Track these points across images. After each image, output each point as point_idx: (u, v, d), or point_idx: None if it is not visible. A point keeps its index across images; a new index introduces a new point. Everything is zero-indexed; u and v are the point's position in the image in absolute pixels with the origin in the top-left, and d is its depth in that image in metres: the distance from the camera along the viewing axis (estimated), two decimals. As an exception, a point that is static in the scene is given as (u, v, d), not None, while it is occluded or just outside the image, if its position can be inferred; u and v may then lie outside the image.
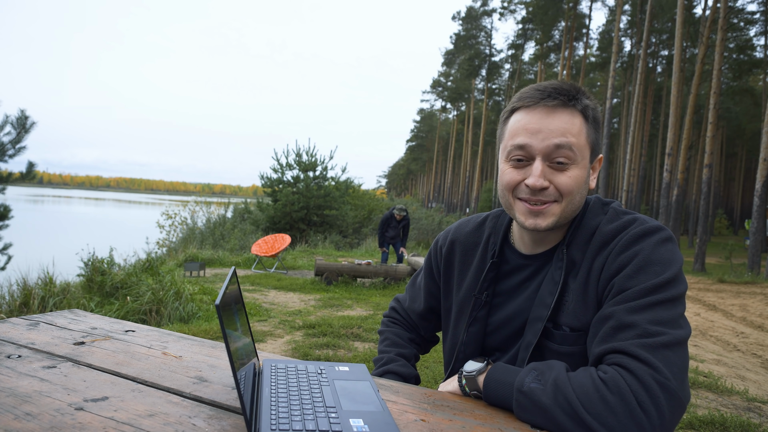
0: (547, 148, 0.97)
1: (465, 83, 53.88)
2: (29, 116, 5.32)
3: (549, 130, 0.97)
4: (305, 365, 1.01)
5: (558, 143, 0.96)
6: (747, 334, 6.82)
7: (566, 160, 0.97)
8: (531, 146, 0.98)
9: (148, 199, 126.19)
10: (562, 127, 0.97)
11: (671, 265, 0.90)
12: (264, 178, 17.44)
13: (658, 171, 33.29)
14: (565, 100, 0.98)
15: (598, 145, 1.05)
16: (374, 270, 8.91)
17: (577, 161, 0.99)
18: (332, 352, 4.57)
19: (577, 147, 0.98)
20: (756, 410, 3.71)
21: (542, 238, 1.07)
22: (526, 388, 0.85)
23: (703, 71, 20.36)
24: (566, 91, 0.99)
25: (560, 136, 0.97)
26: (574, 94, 1.00)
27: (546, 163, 0.98)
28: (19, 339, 1.14)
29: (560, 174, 0.98)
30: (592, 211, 1.05)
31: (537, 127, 0.97)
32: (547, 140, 0.97)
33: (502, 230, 1.15)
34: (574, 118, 0.99)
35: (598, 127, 1.04)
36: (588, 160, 1.02)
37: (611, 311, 0.89)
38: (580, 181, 0.99)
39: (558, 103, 0.98)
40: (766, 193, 14.31)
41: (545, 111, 0.98)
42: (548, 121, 0.97)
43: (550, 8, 35.50)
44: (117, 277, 6.10)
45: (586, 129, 1.00)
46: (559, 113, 0.98)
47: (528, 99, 0.99)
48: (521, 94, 1.02)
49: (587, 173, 1.02)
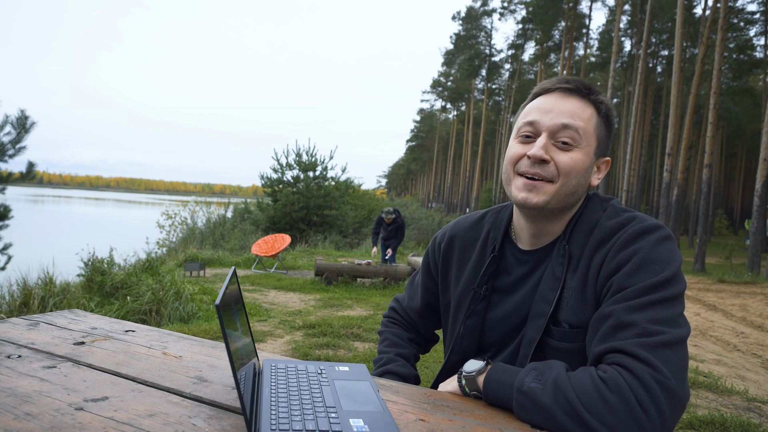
0: (555, 125, 1.01)
1: (465, 83, 53.88)
2: (29, 116, 5.33)
3: (560, 110, 1.02)
4: (305, 365, 1.01)
5: (565, 123, 1.00)
6: (747, 334, 6.82)
7: (570, 141, 1.00)
8: (539, 122, 1.02)
9: (148, 199, 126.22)
10: (572, 110, 1.02)
11: (670, 263, 0.90)
12: (264, 178, 17.44)
13: (658, 171, 33.30)
14: (581, 88, 1.04)
15: (606, 144, 1.07)
16: (374, 270, 8.91)
17: (581, 145, 1.01)
18: (332, 352, 4.57)
19: (583, 131, 1.01)
20: (756, 410, 3.71)
21: (542, 228, 1.07)
22: (526, 388, 0.85)
23: (703, 71, 20.36)
24: (585, 84, 1.05)
25: (569, 117, 1.01)
26: (592, 88, 1.06)
27: (551, 141, 1.01)
28: (19, 339, 1.14)
29: (562, 153, 1.01)
30: (592, 206, 1.06)
31: (549, 107, 1.03)
32: (556, 118, 1.01)
33: (503, 225, 1.16)
34: (587, 107, 1.04)
35: (609, 126, 1.07)
36: (593, 149, 1.04)
37: (610, 310, 0.89)
38: (580, 166, 1.01)
39: (574, 89, 1.04)
40: (766, 193, 14.31)
41: (561, 94, 1.04)
42: (561, 103, 1.03)
43: (550, 8, 35.51)
44: (117, 277, 6.10)
45: (596, 120, 1.04)
46: (573, 98, 1.04)
47: (547, 84, 1.06)
48: (543, 82, 1.08)
49: (590, 162, 1.04)
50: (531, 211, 1.03)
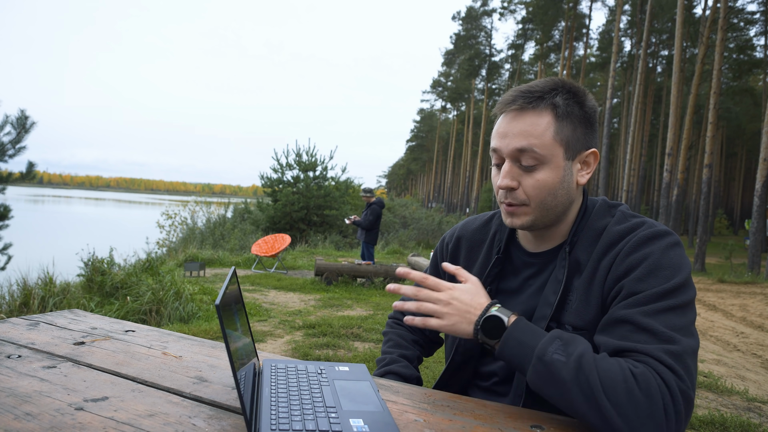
0: (511, 152, 0.99)
1: (465, 83, 53.88)
2: (29, 116, 5.32)
3: (512, 134, 0.99)
4: (305, 365, 1.01)
5: (519, 147, 0.98)
6: (747, 334, 6.82)
7: (532, 162, 0.98)
8: (500, 149, 1.01)
9: (148, 199, 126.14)
10: (524, 130, 0.98)
11: (680, 270, 0.90)
12: (264, 178, 17.43)
13: (658, 171, 33.29)
14: (529, 100, 0.98)
15: (580, 141, 1.01)
16: (374, 270, 8.91)
17: (546, 162, 0.98)
18: (332, 352, 4.57)
19: (540, 148, 0.97)
20: (756, 410, 3.71)
21: (542, 235, 1.08)
22: (548, 358, 0.83)
23: (703, 71, 20.36)
24: (534, 92, 0.99)
25: (522, 139, 0.98)
26: (545, 92, 0.99)
27: (515, 165, 1.00)
28: (19, 339, 1.14)
29: (527, 176, 1.00)
30: (598, 212, 1.05)
31: (504, 130, 1.01)
32: (510, 144, 0.99)
33: (509, 228, 1.16)
34: (540, 118, 0.98)
35: (579, 122, 1.01)
36: (562, 158, 0.99)
37: (624, 314, 0.88)
38: (550, 183, 0.99)
39: (520, 107, 0.99)
40: (766, 193, 14.31)
41: (511, 115, 1.00)
42: (513, 124, 1.00)
43: (550, 8, 35.51)
44: (117, 277, 6.10)
45: (554, 127, 0.98)
46: (523, 116, 0.99)
47: (500, 105, 1.03)
48: (501, 99, 1.04)
49: (562, 172, 1.00)
50: (539, 231, 1.07)
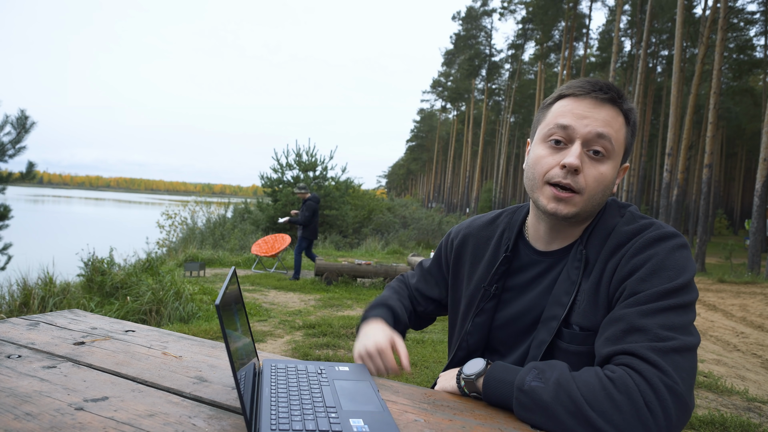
0: (590, 134, 0.99)
1: (465, 83, 53.88)
2: (29, 116, 5.31)
3: (595, 119, 0.99)
4: (305, 365, 1.01)
5: (601, 132, 0.98)
6: (747, 334, 6.82)
7: (603, 151, 0.99)
8: (574, 129, 0.99)
9: (148, 199, 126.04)
10: (606, 119, 1.00)
11: (684, 271, 0.90)
12: (264, 178, 17.43)
13: (658, 171, 33.29)
14: (614, 96, 1.01)
15: (628, 151, 1.07)
16: (374, 270, 8.91)
17: (612, 156, 1.01)
18: (332, 352, 4.57)
19: (615, 141, 1.00)
20: (756, 410, 3.71)
21: (559, 231, 1.07)
22: (527, 387, 0.85)
23: (703, 71, 20.35)
24: (616, 90, 1.02)
25: (604, 126, 0.99)
26: (622, 94, 1.03)
27: (584, 150, 1.00)
28: (19, 339, 1.14)
29: (592, 165, 1.00)
30: (609, 212, 1.06)
31: (584, 113, 1.00)
32: (591, 126, 0.99)
33: (517, 225, 1.16)
34: (618, 116, 1.02)
35: (634, 134, 1.06)
36: (620, 159, 1.04)
37: (622, 314, 0.89)
38: (609, 178, 1.01)
39: (607, 98, 1.00)
40: (766, 193, 14.31)
41: (594, 102, 1.00)
42: (596, 111, 1.00)
43: (550, 8, 35.51)
44: (117, 277, 6.09)
45: (625, 130, 1.03)
46: (606, 107, 1.00)
47: (578, 88, 1.02)
48: (571, 83, 1.05)
49: (616, 173, 1.04)
50: (558, 220, 1.04)
